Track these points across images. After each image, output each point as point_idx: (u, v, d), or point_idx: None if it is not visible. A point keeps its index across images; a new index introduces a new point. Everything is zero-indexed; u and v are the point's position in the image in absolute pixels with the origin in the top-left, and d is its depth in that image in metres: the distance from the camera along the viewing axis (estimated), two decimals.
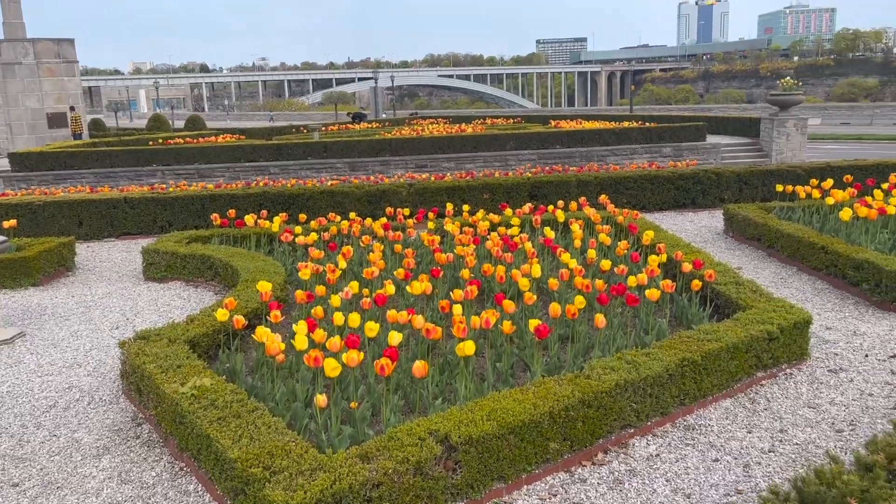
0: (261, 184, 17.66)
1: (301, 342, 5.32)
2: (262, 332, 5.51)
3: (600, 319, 5.87)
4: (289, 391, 5.58)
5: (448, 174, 19.08)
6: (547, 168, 19.53)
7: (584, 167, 19.23)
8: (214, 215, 10.90)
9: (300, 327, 5.62)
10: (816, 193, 10.71)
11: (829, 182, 10.85)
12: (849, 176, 11.77)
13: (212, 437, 4.47)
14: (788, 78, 25.01)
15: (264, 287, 6.73)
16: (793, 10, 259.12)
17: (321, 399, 4.81)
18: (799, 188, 11.19)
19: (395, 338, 5.43)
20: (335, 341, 5.37)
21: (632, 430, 5.21)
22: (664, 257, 7.81)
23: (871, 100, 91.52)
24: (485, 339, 6.84)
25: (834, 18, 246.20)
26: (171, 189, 15.99)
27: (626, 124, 28.72)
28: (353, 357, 5.07)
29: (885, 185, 10.93)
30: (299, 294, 6.65)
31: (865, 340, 6.92)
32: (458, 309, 6.19)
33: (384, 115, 53.76)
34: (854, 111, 49.00)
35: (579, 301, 6.25)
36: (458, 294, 6.61)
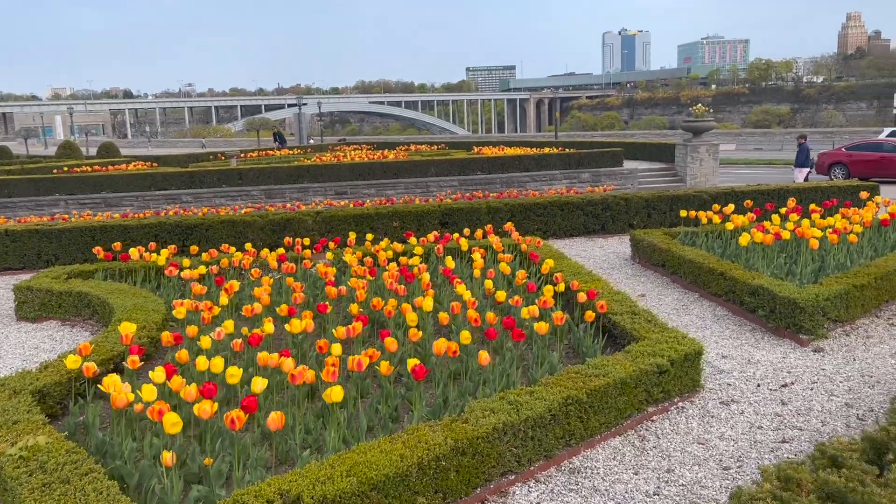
0: (171, 213, 16.85)
1: (148, 393, 4.81)
2: (109, 382, 4.98)
3: (484, 356, 5.56)
4: (138, 447, 5.04)
5: (368, 201, 18.69)
6: (468, 194, 19.36)
7: (505, 193, 19.15)
8: (97, 248, 10.18)
9: (156, 374, 5.13)
10: (717, 219, 10.76)
11: (731, 207, 10.94)
12: (749, 201, 11.93)
13: None
14: (700, 105, 25.69)
15: (127, 329, 6.17)
16: (709, 40, 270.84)
17: (167, 457, 4.32)
18: (701, 213, 11.24)
19: (258, 384, 4.98)
20: (190, 390, 4.89)
21: (513, 477, 4.88)
22: (562, 287, 7.60)
23: (784, 126, 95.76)
24: (373, 378, 6.46)
25: (748, 49, 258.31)
26: (73, 219, 15.06)
27: (546, 150, 29.00)
28: (206, 409, 4.60)
29: (783, 210, 11.09)
30: (165, 336, 6.13)
31: (759, 369, 6.82)
32: (337, 349, 5.79)
33: (311, 142, 53.11)
34: (767, 137, 51.08)
35: (465, 337, 5.95)
36: (340, 331, 6.20)
